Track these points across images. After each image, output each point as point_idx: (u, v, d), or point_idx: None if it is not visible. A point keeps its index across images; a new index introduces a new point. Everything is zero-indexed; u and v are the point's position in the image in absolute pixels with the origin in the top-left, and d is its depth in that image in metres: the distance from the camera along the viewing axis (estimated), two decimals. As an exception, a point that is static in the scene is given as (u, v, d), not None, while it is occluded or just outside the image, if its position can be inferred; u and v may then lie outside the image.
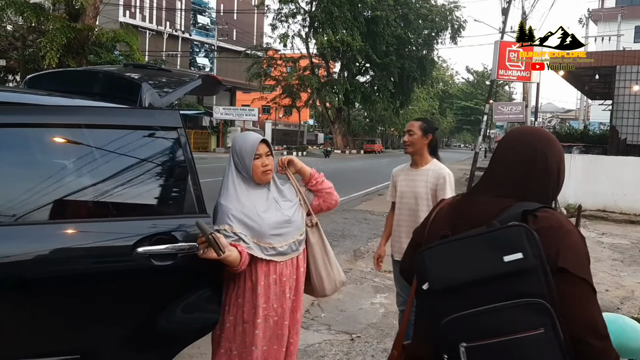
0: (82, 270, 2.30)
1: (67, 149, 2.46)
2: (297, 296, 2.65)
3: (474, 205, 1.50)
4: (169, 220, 2.41)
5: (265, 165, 2.53)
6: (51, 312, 2.24)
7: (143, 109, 2.74)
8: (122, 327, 2.37)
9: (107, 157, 2.48)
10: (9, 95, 2.48)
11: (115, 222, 2.38)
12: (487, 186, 1.52)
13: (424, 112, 67.10)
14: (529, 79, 15.43)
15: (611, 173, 12.32)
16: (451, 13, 42.57)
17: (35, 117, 2.34)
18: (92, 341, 2.28)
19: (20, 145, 2.32)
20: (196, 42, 47.20)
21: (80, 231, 2.32)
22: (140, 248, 2.26)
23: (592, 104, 34.66)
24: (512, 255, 1.26)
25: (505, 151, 1.53)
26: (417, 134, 3.46)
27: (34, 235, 2.23)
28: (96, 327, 2.30)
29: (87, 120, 2.44)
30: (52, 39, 14.63)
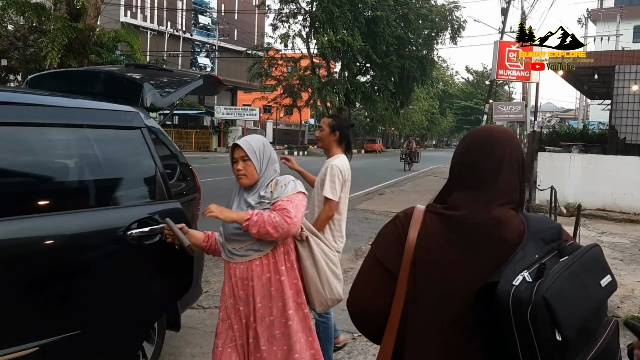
0: (86, 253, 2.66)
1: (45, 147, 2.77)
2: (264, 302, 2.58)
3: (490, 221, 1.32)
4: (147, 207, 2.94)
5: (238, 169, 2.60)
6: (58, 293, 2.51)
7: (110, 111, 3.07)
8: (115, 300, 2.76)
9: (89, 154, 2.89)
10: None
11: (107, 210, 2.83)
12: (481, 194, 1.35)
13: (424, 111, 67.12)
14: (528, 79, 15.49)
15: (610, 172, 12.36)
16: (451, 13, 42.52)
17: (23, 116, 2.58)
18: (91, 316, 2.63)
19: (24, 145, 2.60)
20: (197, 42, 47.20)
21: (84, 219, 2.66)
22: (131, 231, 2.75)
23: (591, 104, 34.66)
24: (604, 278, 1.21)
25: (490, 154, 1.38)
26: (326, 131, 3.71)
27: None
28: (92, 303, 2.64)
29: (64, 120, 2.78)
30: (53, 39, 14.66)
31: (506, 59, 14.80)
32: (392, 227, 1.44)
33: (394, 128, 64.29)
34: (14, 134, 2.52)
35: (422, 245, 1.35)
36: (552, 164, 12.96)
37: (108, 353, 2.80)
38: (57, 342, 2.45)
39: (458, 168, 1.43)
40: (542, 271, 1.16)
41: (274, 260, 2.60)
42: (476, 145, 1.41)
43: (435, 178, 23.04)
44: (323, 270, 2.71)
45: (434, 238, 1.35)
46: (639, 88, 13.13)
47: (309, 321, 2.71)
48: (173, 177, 3.79)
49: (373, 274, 1.43)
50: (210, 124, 39.49)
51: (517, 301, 1.12)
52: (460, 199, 1.36)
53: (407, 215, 1.42)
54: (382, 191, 16.32)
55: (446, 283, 1.31)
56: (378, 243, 1.47)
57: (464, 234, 1.32)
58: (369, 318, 1.43)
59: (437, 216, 1.38)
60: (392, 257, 1.39)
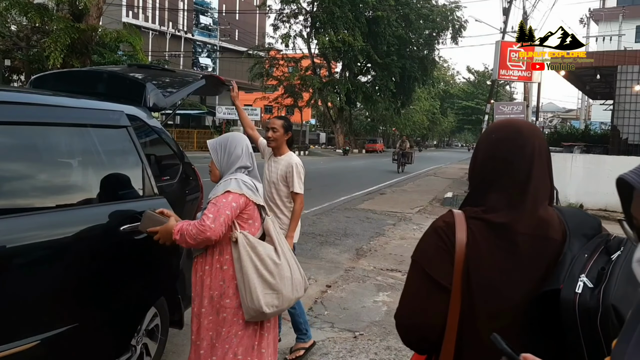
0: (86, 249, 2.71)
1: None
2: (197, 300, 2.67)
3: (537, 223, 1.29)
4: (138, 202, 3.02)
5: (209, 166, 2.78)
6: (59, 288, 2.56)
7: (95, 110, 3.08)
8: (107, 293, 2.83)
9: (74, 152, 2.93)
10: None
11: (104, 206, 2.87)
12: (520, 195, 1.30)
13: (425, 111, 67.10)
14: (530, 79, 15.48)
15: (612, 173, 12.23)
16: (452, 13, 42.58)
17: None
18: (87, 309, 2.71)
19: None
20: (199, 42, 47.26)
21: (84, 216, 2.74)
22: (123, 226, 2.81)
23: (593, 104, 34.63)
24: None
25: (522, 150, 1.33)
26: (280, 132, 3.95)
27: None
28: (88, 297, 2.71)
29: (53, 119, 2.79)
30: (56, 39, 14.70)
31: (508, 58, 14.79)
32: (435, 239, 1.34)
33: (395, 128, 64.23)
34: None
35: (473, 255, 1.29)
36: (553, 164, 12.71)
37: (102, 343, 2.86)
38: (56, 336, 2.49)
39: (488, 167, 1.36)
40: (600, 275, 1.15)
41: (202, 260, 2.66)
42: (506, 142, 1.34)
43: (437, 178, 23.05)
44: (247, 276, 2.54)
45: (484, 246, 1.29)
46: (641, 88, 13.14)
47: (238, 329, 2.60)
48: (175, 177, 3.82)
49: (424, 291, 1.33)
50: (212, 123, 39.55)
51: (584, 310, 1.11)
52: (500, 202, 1.31)
53: (449, 224, 1.34)
54: (383, 191, 16.33)
55: (501, 291, 1.27)
56: (424, 257, 1.36)
57: (513, 239, 1.28)
58: (426, 335, 1.33)
59: (481, 222, 1.31)
60: (443, 271, 1.30)
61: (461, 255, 1.29)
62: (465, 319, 1.29)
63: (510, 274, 1.27)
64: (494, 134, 1.39)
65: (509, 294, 1.27)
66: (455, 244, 1.30)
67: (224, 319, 2.59)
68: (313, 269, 6.35)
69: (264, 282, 2.57)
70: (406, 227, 9.84)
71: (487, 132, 1.43)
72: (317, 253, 7.40)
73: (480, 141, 1.43)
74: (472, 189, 1.41)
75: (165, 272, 3.37)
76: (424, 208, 12.59)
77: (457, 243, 1.29)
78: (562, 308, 1.14)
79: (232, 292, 2.59)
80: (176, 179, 3.80)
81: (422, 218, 10.99)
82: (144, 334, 3.37)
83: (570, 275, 1.16)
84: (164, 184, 3.67)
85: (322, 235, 8.44)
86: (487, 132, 1.43)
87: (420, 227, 9.82)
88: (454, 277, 1.29)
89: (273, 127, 3.96)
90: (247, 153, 2.73)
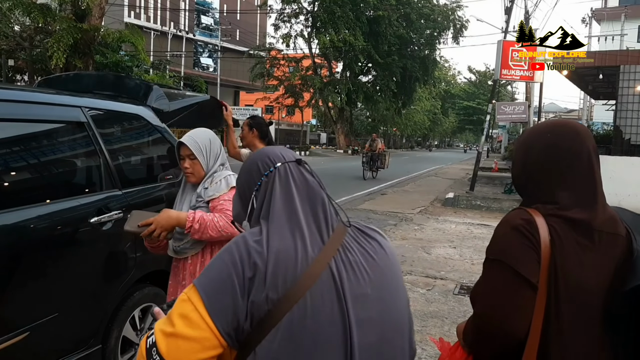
0: (58, 241, 2.77)
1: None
2: None
3: (609, 220, 1.37)
4: (102, 195, 3.06)
5: (184, 167, 2.54)
6: (38, 280, 2.59)
7: (52, 105, 3.04)
8: (85, 281, 2.90)
9: (31, 147, 2.88)
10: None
11: (72, 200, 2.89)
12: (591, 193, 1.37)
13: (426, 112, 67.11)
14: (532, 79, 15.48)
15: (615, 173, 12.32)
16: (453, 13, 42.57)
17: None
18: (65, 298, 2.75)
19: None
20: (200, 42, 47.28)
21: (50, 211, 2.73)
22: (92, 218, 2.88)
23: (595, 104, 34.62)
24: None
25: (582, 148, 1.38)
26: (245, 130, 4.15)
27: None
28: (66, 287, 2.76)
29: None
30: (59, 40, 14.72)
31: (510, 58, 14.78)
32: (520, 236, 1.33)
33: (395, 128, 64.25)
34: None
35: (558, 252, 1.31)
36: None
37: (79, 333, 2.88)
38: (38, 327, 2.53)
39: (549, 165, 1.38)
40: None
41: (202, 259, 2.54)
42: (567, 140, 1.37)
43: (438, 178, 23.03)
44: None
45: (567, 243, 1.32)
46: (643, 88, 13.12)
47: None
48: (179, 175, 3.83)
49: (516, 292, 1.30)
50: (213, 124, 39.54)
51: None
52: (572, 199, 1.35)
53: (530, 222, 1.34)
54: (384, 191, 16.33)
55: (586, 288, 1.31)
56: (510, 255, 1.32)
57: (592, 235, 1.33)
58: (515, 338, 1.31)
59: (561, 220, 1.34)
60: (534, 270, 1.30)
61: (547, 253, 1.30)
62: (551, 316, 1.30)
63: (593, 270, 1.31)
64: (550, 134, 1.41)
65: (593, 291, 1.31)
66: (540, 241, 1.30)
67: None
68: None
69: None
70: (407, 227, 9.84)
71: (539, 132, 1.45)
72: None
73: (531, 141, 1.44)
74: (533, 188, 1.42)
75: (130, 262, 3.31)
76: (425, 208, 12.58)
77: (542, 241, 1.30)
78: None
79: None
80: (179, 178, 3.82)
81: (424, 219, 10.99)
82: (146, 331, 3.39)
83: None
84: (167, 182, 3.69)
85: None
86: (539, 132, 1.45)
87: (421, 227, 9.83)
88: (540, 275, 1.30)
89: (242, 128, 4.29)
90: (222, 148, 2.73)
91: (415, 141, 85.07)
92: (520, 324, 1.29)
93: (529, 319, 1.29)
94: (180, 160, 2.57)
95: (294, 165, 1.29)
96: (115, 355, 3.07)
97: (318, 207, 1.25)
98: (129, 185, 3.28)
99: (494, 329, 1.31)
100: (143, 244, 3.22)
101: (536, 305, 1.30)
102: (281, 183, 1.26)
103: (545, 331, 1.31)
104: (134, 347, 3.27)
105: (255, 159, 1.33)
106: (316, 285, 1.14)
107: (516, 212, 1.39)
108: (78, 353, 2.82)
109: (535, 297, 1.30)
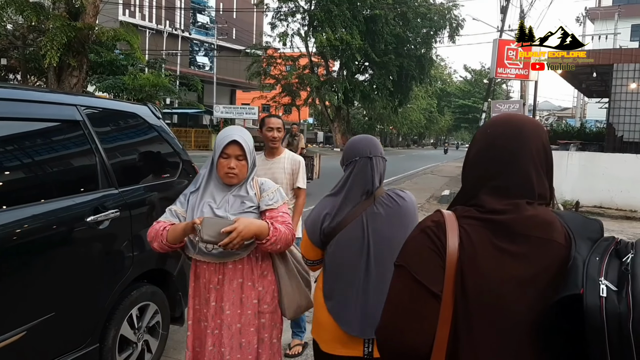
0: (55, 240, 2.76)
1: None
2: (233, 309, 2.41)
3: (540, 224, 1.19)
4: (98, 194, 3.05)
5: (230, 167, 2.38)
6: (35, 279, 2.59)
7: (49, 103, 3.03)
8: (82, 280, 2.89)
9: (26, 147, 2.85)
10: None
11: (68, 199, 2.87)
12: (521, 195, 1.21)
13: (422, 110, 67.13)
14: (527, 77, 15.55)
15: (608, 170, 12.43)
16: (449, 12, 42.58)
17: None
18: (62, 297, 2.75)
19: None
20: (196, 41, 47.20)
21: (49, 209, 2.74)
22: (88, 217, 2.88)
23: (588, 102, 34.74)
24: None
25: (521, 148, 1.24)
26: (283, 131, 4.06)
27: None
28: (63, 287, 2.76)
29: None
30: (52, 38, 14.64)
31: (505, 57, 14.85)
32: (425, 240, 1.21)
33: (392, 127, 64.28)
34: None
35: (467, 257, 1.16)
36: (549, 161, 12.99)
37: (76, 332, 2.88)
38: (35, 327, 2.54)
39: (482, 164, 1.26)
40: (622, 278, 1.05)
41: (249, 266, 2.44)
42: (504, 139, 1.24)
43: (434, 176, 23.09)
44: (296, 277, 2.58)
45: (480, 247, 1.17)
46: (637, 86, 13.20)
47: (277, 332, 2.56)
48: (175, 175, 3.85)
49: (416, 302, 1.17)
50: (210, 122, 39.51)
51: (614, 315, 1.00)
52: (496, 201, 1.20)
53: (438, 224, 1.21)
54: (381, 189, 16.34)
55: (502, 297, 1.14)
56: (411, 261, 1.20)
57: (514, 240, 1.16)
58: (416, 351, 1.18)
59: (477, 222, 1.19)
60: (436, 277, 1.16)
61: (453, 258, 1.16)
62: (460, 331, 1.16)
63: (511, 277, 1.15)
64: (490, 129, 1.29)
65: (512, 300, 1.14)
66: (446, 245, 1.17)
67: (262, 325, 2.48)
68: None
69: (304, 279, 2.65)
70: (404, 225, 9.86)
71: (484, 127, 1.33)
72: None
73: (475, 137, 1.33)
74: (463, 188, 1.30)
75: (127, 262, 3.29)
76: (421, 206, 12.62)
77: (449, 244, 1.17)
78: (586, 315, 1.02)
79: (270, 298, 2.51)
80: (176, 177, 3.84)
81: (420, 216, 10.98)
82: (145, 330, 3.41)
83: (589, 278, 1.05)
84: (163, 181, 3.71)
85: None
86: (483, 128, 1.33)
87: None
88: (445, 282, 1.16)
89: (277, 127, 3.98)
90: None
91: (411, 139, 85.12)
92: (420, 337, 1.16)
93: (432, 333, 1.16)
94: (224, 158, 2.39)
95: (365, 159, 2.24)
96: (112, 354, 3.07)
97: (366, 185, 2.22)
98: (126, 184, 3.29)
99: (393, 342, 1.19)
100: (140, 243, 3.25)
101: (441, 317, 1.16)
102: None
103: (453, 346, 1.16)
104: (131, 346, 3.29)
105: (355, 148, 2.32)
106: (353, 221, 2.19)
107: (432, 214, 1.28)
108: (75, 352, 2.82)
109: (437, 304, 1.16)
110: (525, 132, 1.24)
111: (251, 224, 2.28)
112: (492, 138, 1.26)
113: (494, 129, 1.28)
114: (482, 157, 1.27)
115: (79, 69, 15.53)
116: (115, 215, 3.05)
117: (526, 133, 1.24)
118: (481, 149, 1.28)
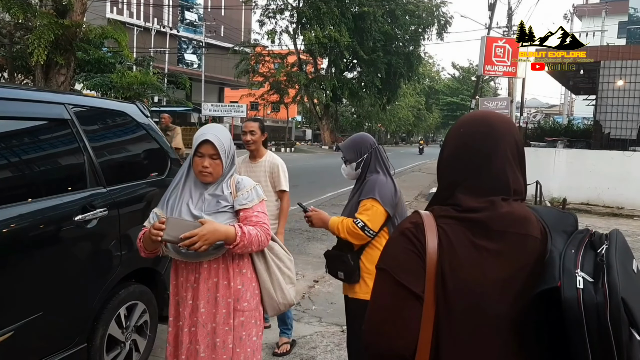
0: (43, 239, 2.76)
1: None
2: (208, 307, 2.42)
3: (516, 220, 1.20)
4: (86, 192, 3.03)
5: (204, 166, 2.36)
6: (23, 279, 2.59)
7: (37, 102, 2.99)
8: (70, 279, 2.89)
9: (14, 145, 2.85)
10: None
11: (55, 198, 2.85)
12: (495, 192, 1.23)
13: (410, 107, 67.35)
14: (515, 75, 15.63)
15: (595, 167, 12.54)
16: (438, 9, 42.75)
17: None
18: (50, 296, 2.75)
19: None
20: (184, 38, 46.91)
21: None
22: (76, 216, 2.87)
23: (575, 99, 35.04)
24: (634, 264, 1.15)
25: (494, 146, 1.25)
26: (258, 134, 4.00)
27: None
28: (50, 286, 2.75)
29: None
30: (39, 36, 14.45)
31: (493, 54, 14.92)
32: (405, 242, 1.22)
33: (380, 124, 64.38)
34: None
35: (447, 256, 1.17)
36: (537, 159, 13.01)
37: (64, 331, 2.87)
38: (23, 326, 2.53)
39: (456, 163, 1.28)
40: (597, 269, 1.07)
41: (224, 265, 2.42)
42: (476, 137, 1.26)
43: (422, 174, 23.17)
44: (275, 274, 2.58)
45: (459, 246, 1.18)
46: (624, 83, 13.33)
47: (257, 330, 2.55)
48: (164, 173, 3.84)
49: (399, 304, 1.19)
50: (198, 120, 39.32)
51: (591, 306, 1.02)
52: (471, 199, 1.22)
53: (417, 225, 1.22)
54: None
55: (484, 294, 1.16)
56: (392, 263, 1.22)
57: (492, 237, 1.18)
58: (401, 352, 1.18)
59: (454, 221, 1.21)
60: (417, 278, 1.17)
61: (433, 259, 1.17)
62: (442, 331, 1.17)
63: (491, 274, 1.16)
64: (463, 128, 1.30)
65: (493, 298, 1.16)
66: (426, 246, 1.18)
67: (241, 323, 2.46)
68: (300, 265, 6.38)
69: (286, 277, 2.66)
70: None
71: (456, 126, 1.33)
72: (304, 249, 7.44)
73: (448, 136, 1.33)
74: (439, 188, 1.31)
75: (115, 260, 3.29)
76: (409, 203, 12.66)
77: (428, 245, 1.18)
78: (564, 307, 1.03)
79: (250, 295, 2.49)
80: (164, 175, 3.83)
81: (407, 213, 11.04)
82: (133, 330, 3.40)
83: (566, 271, 1.07)
84: (151, 179, 3.69)
85: (309, 231, 8.46)
86: (456, 126, 1.33)
87: (406, 222, 9.88)
88: (426, 283, 1.17)
89: (251, 130, 4.01)
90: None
91: (399, 137, 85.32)
92: (404, 338, 1.17)
93: (415, 334, 1.17)
94: (198, 157, 2.39)
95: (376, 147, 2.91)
96: (100, 353, 3.06)
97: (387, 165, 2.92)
98: (114, 183, 3.27)
99: (380, 345, 1.20)
100: (128, 242, 3.24)
101: (423, 318, 1.17)
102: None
103: (437, 347, 1.17)
104: (119, 345, 3.27)
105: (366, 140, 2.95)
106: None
107: (410, 215, 1.29)
108: (63, 352, 2.81)
109: (420, 306, 1.17)
110: (497, 129, 1.25)
111: (216, 230, 2.26)
112: (465, 137, 1.28)
113: (467, 128, 1.29)
114: (456, 156, 1.28)
115: (67, 67, 15.38)
116: (103, 214, 3.04)
117: (498, 131, 1.25)
118: (455, 148, 1.29)
